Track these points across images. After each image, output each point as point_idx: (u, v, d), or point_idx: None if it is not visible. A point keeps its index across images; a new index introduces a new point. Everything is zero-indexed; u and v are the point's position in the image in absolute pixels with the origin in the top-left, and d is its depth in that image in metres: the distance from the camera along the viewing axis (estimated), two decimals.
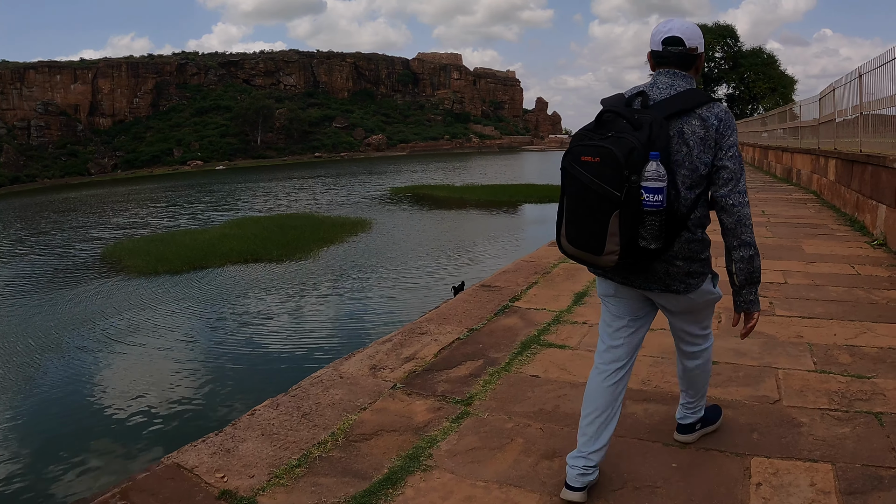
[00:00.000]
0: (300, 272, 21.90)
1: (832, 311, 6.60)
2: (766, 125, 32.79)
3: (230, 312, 17.13)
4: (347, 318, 16.59)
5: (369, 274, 21.65)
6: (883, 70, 11.16)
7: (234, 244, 26.34)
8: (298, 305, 17.68)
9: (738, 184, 3.14)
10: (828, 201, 16.31)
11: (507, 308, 6.93)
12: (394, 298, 18.51)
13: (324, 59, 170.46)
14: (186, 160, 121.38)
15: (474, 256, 25.00)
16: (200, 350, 14.29)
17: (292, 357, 13.64)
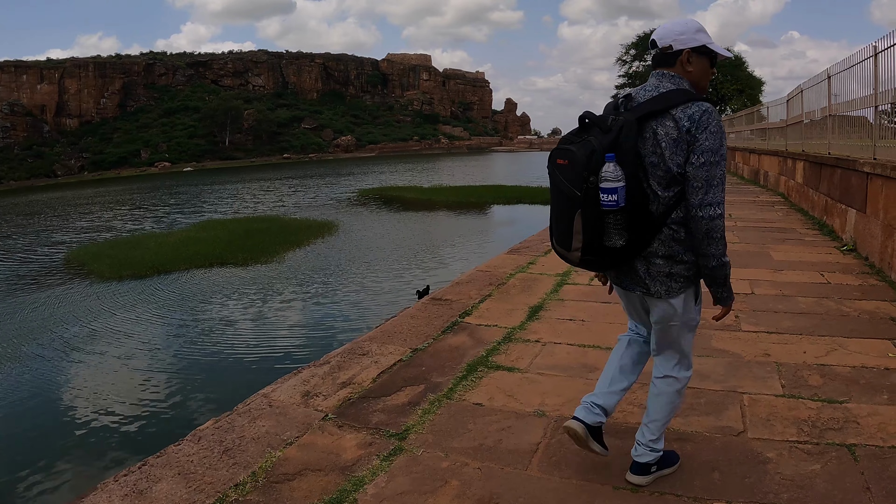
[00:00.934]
0: (265, 276, 21.35)
1: (801, 325, 6.24)
2: (734, 126, 32.66)
3: (192, 319, 16.56)
4: (311, 325, 16.04)
5: (334, 278, 21.12)
6: (851, 72, 10.88)
7: (200, 248, 25.69)
8: (262, 312, 17.10)
9: (709, 194, 3.03)
10: (796, 204, 16.06)
11: (457, 324, 6.50)
12: (359, 303, 17.94)
13: (293, 59, 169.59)
14: (154, 162, 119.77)
15: (442, 259, 24.59)
16: (162, 359, 13.72)
17: (255, 365, 13.10)
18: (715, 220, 3.03)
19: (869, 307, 6.86)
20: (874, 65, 9.35)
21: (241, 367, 13.03)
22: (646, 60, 64.00)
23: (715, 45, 3.26)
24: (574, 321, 6.51)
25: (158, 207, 50.26)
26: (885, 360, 5.33)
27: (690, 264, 3.19)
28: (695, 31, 3.21)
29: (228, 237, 28.44)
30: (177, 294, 19.23)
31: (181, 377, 12.60)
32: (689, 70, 3.21)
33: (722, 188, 3.06)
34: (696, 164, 3.01)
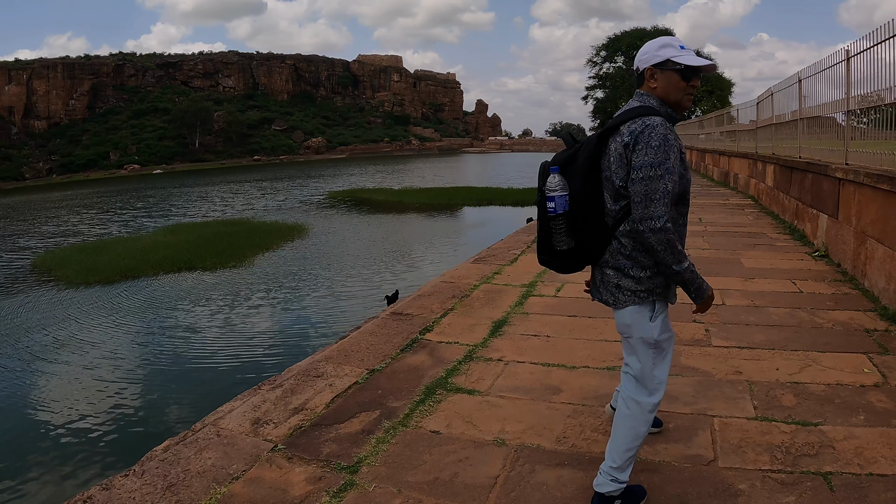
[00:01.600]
0: (233, 281, 21.06)
1: (774, 339, 6.03)
2: (704, 128, 32.65)
3: (159, 327, 16.25)
4: (278, 332, 15.80)
5: (303, 283, 20.90)
6: (822, 76, 10.73)
7: (168, 252, 25.32)
8: (229, 319, 16.78)
9: (648, 208, 3.06)
10: (766, 207, 15.94)
11: (417, 342, 6.21)
12: (327, 309, 17.74)
13: (263, 60, 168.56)
14: (123, 164, 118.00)
15: (412, 262, 24.48)
16: (127, 368, 13.41)
17: (221, 375, 12.85)
18: (657, 234, 3.05)
19: (842, 318, 6.68)
20: (846, 69, 9.20)
21: (206, 378, 12.79)
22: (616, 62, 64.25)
23: (684, 57, 3.25)
24: (539, 337, 6.25)
25: (126, 211, 49.57)
26: (861, 376, 5.15)
27: (640, 280, 3.25)
28: (658, 48, 3.28)
29: (197, 241, 28.10)
30: (144, 300, 18.90)
31: (145, 387, 12.37)
32: (653, 86, 3.30)
33: (664, 202, 3.05)
34: (634, 178, 3.09)
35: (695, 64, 3.24)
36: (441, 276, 9.28)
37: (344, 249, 27.19)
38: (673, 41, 3.34)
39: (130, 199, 60.33)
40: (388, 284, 19.36)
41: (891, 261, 6.94)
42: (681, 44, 3.31)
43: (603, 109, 63.08)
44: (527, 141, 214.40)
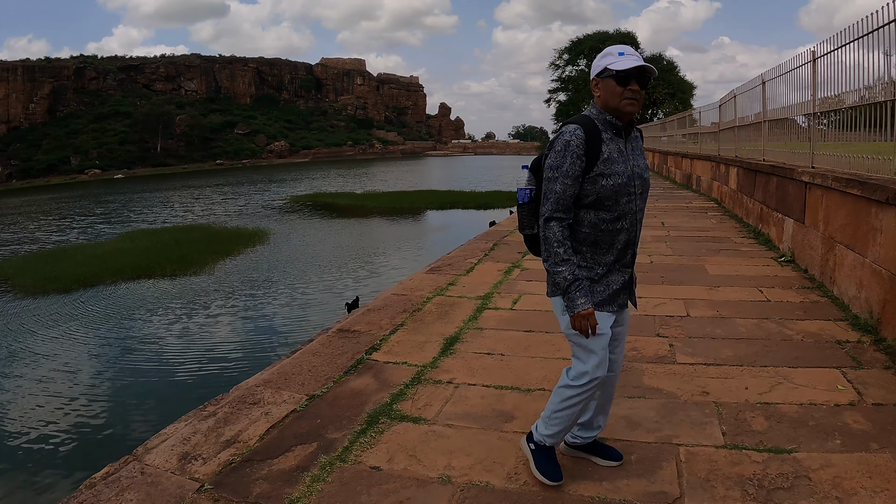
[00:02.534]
0: (193, 289, 20.74)
1: (742, 354, 5.69)
2: (666, 130, 32.54)
3: (115, 337, 15.87)
4: (238, 341, 15.46)
5: (263, 290, 20.63)
6: (787, 78, 10.50)
7: (128, 259, 25.00)
8: (187, 328, 16.46)
9: (544, 206, 3.44)
10: (730, 210, 15.73)
11: (362, 363, 5.78)
12: (287, 317, 17.43)
13: (226, 63, 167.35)
14: (84, 169, 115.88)
15: (374, 268, 24.28)
16: (80, 381, 13.00)
17: (180, 386, 12.57)
18: (542, 229, 3.44)
19: (812, 328, 6.37)
20: (812, 70, 8.93)
21: (163, 391, 12.47)
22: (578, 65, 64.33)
23: (618, 63, 3.34)
24: (492, 356, 5.84)
25: (85, 217, 48.77)
26: (835, 393, 4.83)
27: (550, 274, 3.49)
28: (599, 59, 3.46)
29: (157, 247, 27.81)
30: (101, 310, 18.50)
31: (99, 402, 12.00)
32: (597, 95, 3.48)
33: (552, 201, 3.37)
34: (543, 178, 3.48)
35: (624, 67, 3.30)
36: (393, 288, 8.85)
37: (305, 255, 27.00)
38: (613, 49, 3.43)
39: (90, 205, 59.44)
40: (349, 291, 19.06)
41: (861, 268, 6.64)
42: (620, 50, 3.38)
43: (566, 112, 63.01)
44: (490, 144, 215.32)
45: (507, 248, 11.54)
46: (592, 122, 3.41)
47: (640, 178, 3.52)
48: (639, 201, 3.54)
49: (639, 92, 3.36)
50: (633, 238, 3.56)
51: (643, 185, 3.56)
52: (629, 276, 3.65)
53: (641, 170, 3.54)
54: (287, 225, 37.78)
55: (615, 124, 3.42)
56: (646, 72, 3.35)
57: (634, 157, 3.52)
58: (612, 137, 3.43)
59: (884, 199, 5.98)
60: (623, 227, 3.48)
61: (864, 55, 6.99)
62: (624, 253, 3.55)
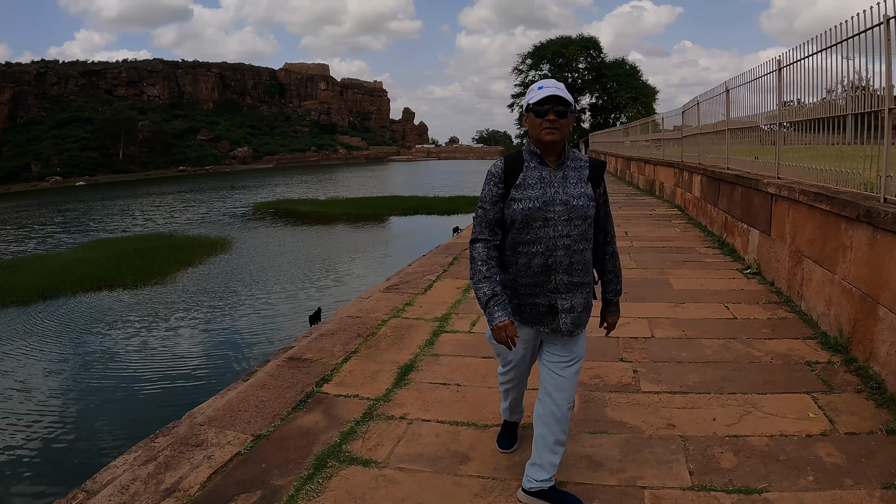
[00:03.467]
0: (153, 300, 20.54)
1: (709, 380, 5.44)
2: (629, 135, 32.44)
3: (72, 353, 15.58)
4: (199, 355, 15.26)
5: (224, 301, 20.42)
6: (751, 86, 10.33)
7: (88, 269, 24.80)
8: (147, 342, 16.21)
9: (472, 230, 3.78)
10: (694, 218, 15.58)
11: (312, 396, 5.42)
12: (248, 330, 17.24)
13: (189, 68, 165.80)
14: (45, 176, 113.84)
15: (338, 276, 24.28)
16: (39, 399, 12.74)
17: (139, 402, 12.37)
18: (470, 251, 3.73)
19: (781, 348, 6.15)
20: (778, 79, 8.74)
21: (120, 408, 12.33)
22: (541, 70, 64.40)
23: (534, 97, 3.51)
24: (448, 386, 5.54)
25: (44, 227, 47.99)
26: (806, 423, 4.60)
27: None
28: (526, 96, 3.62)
29: (118, 257, 27.55)
30: (59, 323, 18.22)
31: (55, 421, 11.75)
32: (525, 128, 3.68)
33: (476, 224, 3.70)
34: None
35: (537, 99, 3.47)
36: (347, 309, 8.54)
37: (268, 264, 26.83)
38: (535, 85, 3.59)
39: (49, 214, 58.60)
40: (313, 301, 18.99)
41: (830, 284, 6.43)
42: (540, 85, 3.54)
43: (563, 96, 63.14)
44: (454, 148, 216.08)
45: (466, 263, 11.05)
46: (519, 153, 3.68)
47: (562, 205, 3.52)
48: (561, 227, 3.53)
49: (557, 121, 3.46)
50: (552, 264, 3.55)
51: (568, 211, 3.53)
52: (569, 302, 3.62)
53: (570, 197, 3.54)
54: (250, 233, 37.55)
55: (537, 153, 3.60)
56: (559, 100, 3.46)
57: (563, 185, 3.56)
58: (535, 166, 3.60)
59: (854, 215, 5.77)
60: (538, 251, 3.54)
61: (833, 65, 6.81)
62: (545, 277, 3.58)
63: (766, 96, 9.60)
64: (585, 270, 3.68)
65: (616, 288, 3.97)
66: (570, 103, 3.51)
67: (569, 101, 3.49)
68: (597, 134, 50.04)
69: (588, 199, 3.57)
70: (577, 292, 3.64)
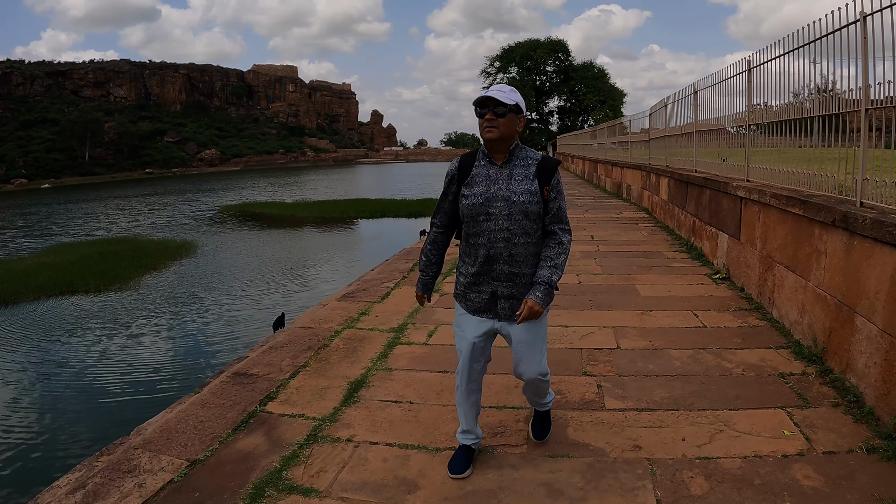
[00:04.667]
0: (117, 306, 20.20)
1: (678, 395, 5.12)
2: (596, 137, 32.27)
3: (29, 362, 15.24)
4: (161, 361, 14.94)
5: (188, 307, 20.16)
6: (721, 87, 10.10)
7: (50, 274, 24.39)
8: (108, 349, 15.87)
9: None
10: (661, 221, 15.36)
11: (255, 416, 5.03)
12: (212, 336, 16.99)
13: (156, 69, 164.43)
14: (10, 178, 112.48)
15: (305, 281, 24.10)
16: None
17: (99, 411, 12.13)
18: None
19: (752, 359, 5.85)
20: (748, 80, 8.48)
21: (80, 417, 12.00)
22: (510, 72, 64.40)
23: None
24: (400, 404, 5.15)
25: (5, 230, 47.17)
26: (781, 441, 4.32)
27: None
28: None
29: (81, 262, 27.16)
30: (19, 330, 17.87)
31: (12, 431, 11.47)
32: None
33: (434, 213, 4.10)
34: None
35: (473, 103, 3.78)
36: (301, 319, 8.06)
37: (234, 268, 26.62)
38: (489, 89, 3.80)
39: (11, 217, 57.63)
40: (279, 307, 18.81)
41: (804, 291, 6.15)
42: (487, 88, 3.96)
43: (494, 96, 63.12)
44: (422, 151, 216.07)
45: None
46: (474, 153, 3.97)
47: (504, 201, 3.76)
48: (502, 221, 3.77)
49: (495, 120, 3.70)
50: (495, 255, 3.81)
51: (509, 207, 3.75)
52: (509, 290, 3.85)
53: (511, 193, 3.76)
54: (215, 237, 37.26)
55: (485, 153, 3.88)
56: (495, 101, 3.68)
57: (508, 182, 3.79)
58: (485, 164, 3.87)
59: (829, 220, 5.48)
60: (481, 242, 3.82)
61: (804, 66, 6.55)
62: (488, 266, 3.84)
63: (735, 98, 9.36)
64: (527, 262, 3.83)
65: (544, 273, 3.81)
66: (508, 103, 3.68)
67: (506, 102, 3.67)
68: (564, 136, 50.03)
69: (530, 196, 3.76)
70: (518, 282, 3.84)
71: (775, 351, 6.06)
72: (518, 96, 3.79)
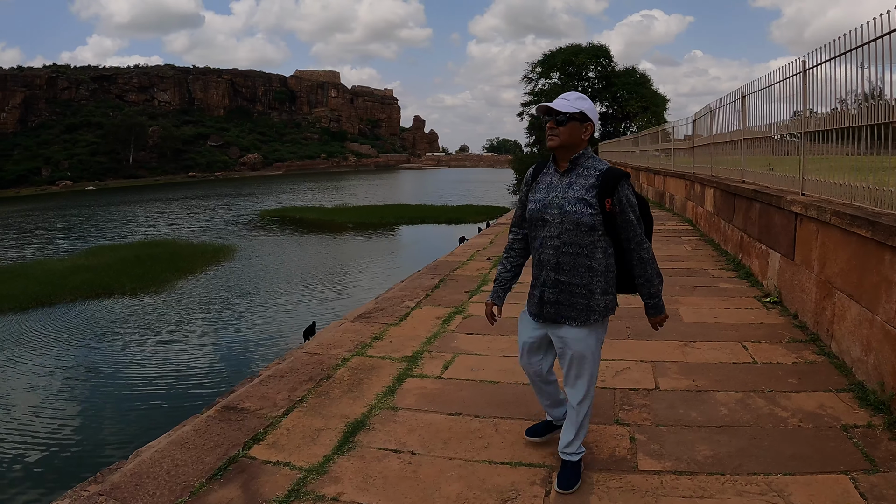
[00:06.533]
0: (148, 311, 20.32)
1: (724, 453, 4.33)
2: (638, 144, 31.37)
3: (57, 366, 15.32)
4: (182, 373, 14.68)
5: (222, 313, 20.18)
6: (770, 91, 9.26)
7: (87, 276, 24.95)
8: (134, 356, 15.90)
9: None
10: (705, 234, 14.54)
11: (235, 462, 4.36)
12: (241, 346, 16.84)
13: (200, 74, 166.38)
14: (55, 180, 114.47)
15: (342, 289, 24.03)
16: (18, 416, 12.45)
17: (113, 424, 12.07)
18: None
19: (810, 405, 5.06)
20: (803, 83, 7.65)
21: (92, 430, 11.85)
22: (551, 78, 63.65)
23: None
24: (399, 455, 4.40)
25: (45, 232, 47.94)
26: None
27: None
28: None
29: (118, 264, 27.79)
30: (51, 333, 18.12)
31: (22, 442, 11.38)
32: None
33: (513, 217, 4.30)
34: None
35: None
36: (308, 344, 7.37)
37: (269, 274, 26.69)
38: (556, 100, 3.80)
39: (52, 219, 58.52)
40: (312, 315, 18.57)
41: (869, 326, 5.35)
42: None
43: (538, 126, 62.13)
44: (464, 157, 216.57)
45: (453, 286, 10.00)
46: (546, 160, 4.01)
47: (558, 209, 3.79)
48: (554, 229, 3.81)
49: (555, 128, 3.75)
50: (545, 260, 3.87)
51: (562, 216, 3.77)
52: (554, 296, 3.87)
53: (566, 202, 3.76)
54: (253, 241, 37.53)
55: (554, 160, 3.93)
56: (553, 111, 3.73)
57: (566, 191, 3.79)
58: (551, 172, 3.93)
59: None
60: (536, 247, 3.95)
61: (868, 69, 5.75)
62: (538, 270, 3.95)
63: (787, 103, 8.53)
64: (574, 272, 3.80)
65: (649, 291, 4.07)
66: (569, 112, 3.70)
67: (565, 111, 3.70)
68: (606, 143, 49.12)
69: (584, 207, 3.72)
70: (564, 290, 3.83)
71: (836, 395, 5.26)
72: (585, 103, 3.77)
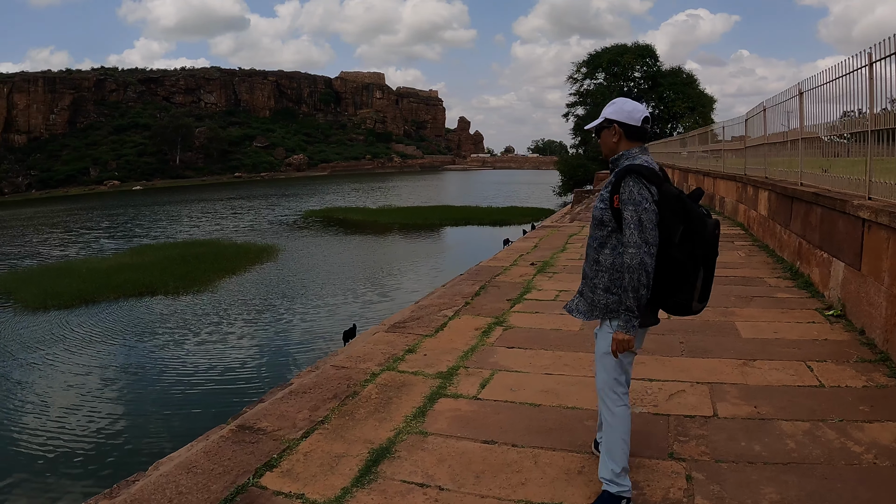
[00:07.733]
0: (189, 310, 20.51)
1: (792, 499, 3.74)
2: (686, 146, 30.61)
3: (98, 365, 15.57)
4: (217, 376, 14.71)
5: (263, 314, 20.17)
6: (829, 87, 8.62)
7: (131, 275, 25.36)
8: (174, 355, 16.12)
9: None
10: (759, 239, 13.92)
11: (244, 491, 3.94)
12: (280, 348, 16.83)
13: (245, 76, 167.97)
14: (103, 180, 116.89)
15: (385, 291, 23.91)
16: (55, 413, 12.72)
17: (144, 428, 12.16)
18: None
19: (885, 438, 4.47)
20: (869, 76, 7.05)
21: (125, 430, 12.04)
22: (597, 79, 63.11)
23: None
24: (426, 491, 3.92)
25: (90, 231, 48.80)
26: None
27: None
28: None
29: (162, 263, 28.19)
30: (92, 332, 18.40)
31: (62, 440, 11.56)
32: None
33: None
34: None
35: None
36: (336, 356, 6.88)
37: (312, 275, 26.84)
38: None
39: (98, 218, 59.38)
40: (354, 318, 18.32)
41: None
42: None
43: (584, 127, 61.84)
44: (509, 158, 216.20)
45: (495, 294, 9.47)
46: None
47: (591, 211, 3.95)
48: (590, 229, 3.92)
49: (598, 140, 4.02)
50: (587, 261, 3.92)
51: (592, 218, 3.89)
52: (582, 287, 3.97)
53: (595, 203, 3.85)
54: (297, 241, 37.78)
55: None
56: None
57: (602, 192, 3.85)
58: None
59: None
60: (589, 245, 3.95)
61: None
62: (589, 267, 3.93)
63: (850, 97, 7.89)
64: (591, 266, 3.86)
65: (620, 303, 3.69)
66: (597, 123, 3.89)
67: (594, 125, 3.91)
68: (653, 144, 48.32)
69: (600, 202, 3.79)
70: (587, 283, 3.88)
71: None
72: (609, 108, 3.86)
